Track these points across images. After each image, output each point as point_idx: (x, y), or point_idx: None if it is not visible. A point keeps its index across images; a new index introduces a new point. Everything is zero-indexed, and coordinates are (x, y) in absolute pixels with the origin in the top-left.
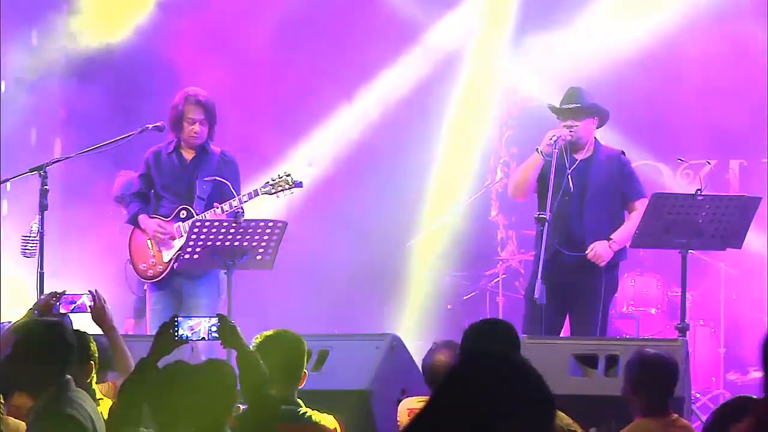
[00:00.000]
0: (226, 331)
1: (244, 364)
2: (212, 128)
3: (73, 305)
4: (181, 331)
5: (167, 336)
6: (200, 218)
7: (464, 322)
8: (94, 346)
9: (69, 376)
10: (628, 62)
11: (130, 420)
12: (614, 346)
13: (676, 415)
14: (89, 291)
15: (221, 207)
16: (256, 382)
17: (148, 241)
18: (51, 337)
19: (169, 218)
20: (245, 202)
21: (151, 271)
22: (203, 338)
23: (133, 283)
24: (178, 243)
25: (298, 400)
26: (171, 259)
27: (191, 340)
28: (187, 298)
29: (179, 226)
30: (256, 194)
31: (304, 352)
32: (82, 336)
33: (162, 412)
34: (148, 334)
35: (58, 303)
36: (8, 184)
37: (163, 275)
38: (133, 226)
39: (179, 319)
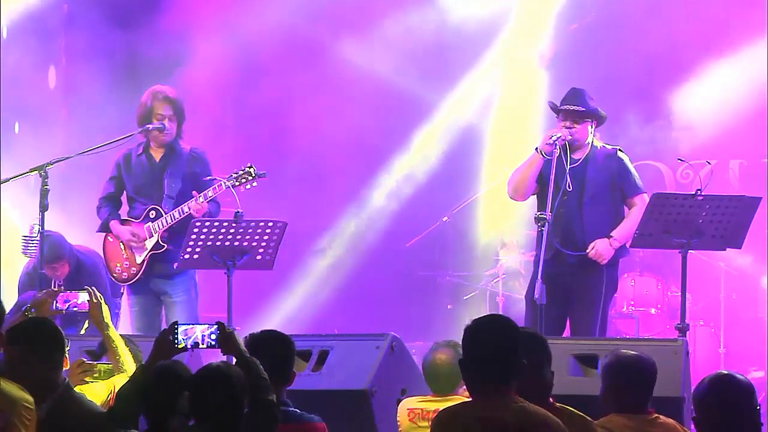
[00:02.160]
0: (225, 339)
1: (245, 370)
2: (180, 126)
3: (69, 303)
4: (180, 338)
5: (167, 342)
6: (200, 218)
7: (464, 322)
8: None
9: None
10: (630, 62)
11: (125, 422)
12: (614, 346)
13: (656, 415)
14: (86, 288)
15: (202, 195)
16: (257, 387)
17: (121, 244)
18: (56, 337)
19: (140, 220)
20: (211, 198)
21: (125, 273)
22: (202, 345)
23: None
24: (149, 243)
25: (287, 400)
26: (144, 260)
27: (191, 347)
28: (164, 296)
29: (149, 227)
30: (220, 188)
31: (293, 352)
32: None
33: None
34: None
35: (54, 301)
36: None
37: (138, 277)
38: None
39: (179, 326)
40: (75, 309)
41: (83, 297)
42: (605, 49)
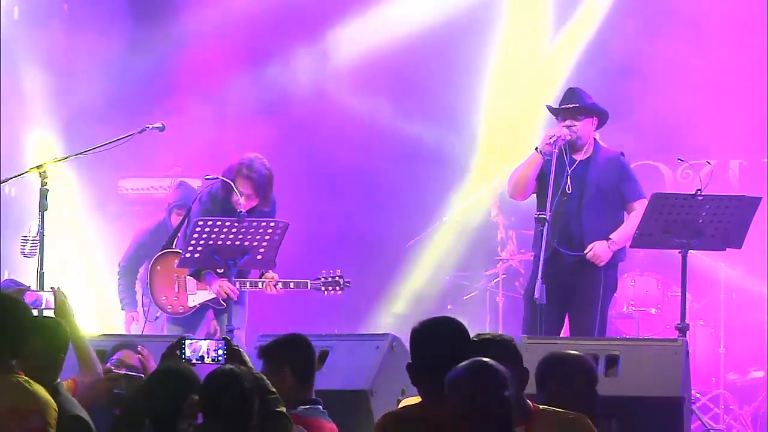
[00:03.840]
0: (232, 355)
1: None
2: (264, 198)
3: (36, 301)
4: (188, 354)
5: (175, 358)
6: (203, 217)
7: (464, 322)
8: None
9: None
10: (629, 61)
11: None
12: (614, 346)
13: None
14: (52, 288)
15: (281, 283)
16: (266, 402)
17: (174, 275)
18: (56, 337)
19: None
20: (291, 288)
21: (170, 307)
22: (208, 359)
23: (147, 306)
24: (209, 295)
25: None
26: (195, 306)
27: (196, 361)
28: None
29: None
30: (306, 286)
31: (314, 352)
32: None
33: None
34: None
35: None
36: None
37: (183, 316)
38: (161, 252)
39: (186, 341)
40: (42, 307)
41: (48, 296)
42: (604, 49)
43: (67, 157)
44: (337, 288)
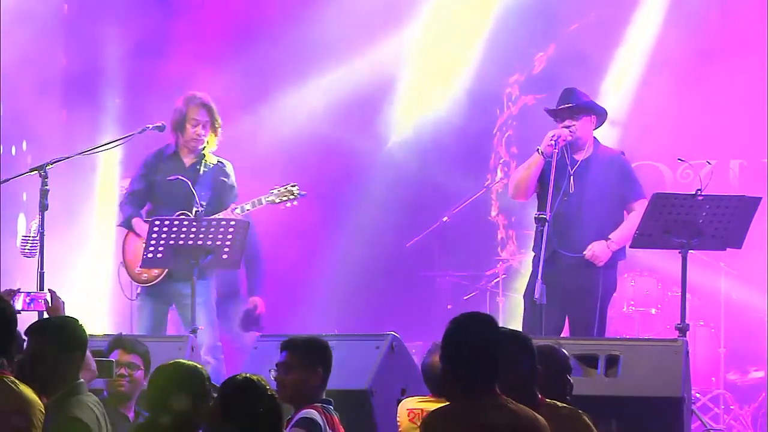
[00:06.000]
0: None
1: None
2: (215, 135)
3: (30, 303)
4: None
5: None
6: (161, 216)
7: None
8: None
9: (82, 380)
10: (628, 61)
11: None
12: (614, 346)
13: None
14: (48, 290)
15: (239, 207)
16: None
17: (142, 241)
18: (70, 337)
19: None
20: (248, 210)
21: (145, 275)
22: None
23: (126, 287)
24: None
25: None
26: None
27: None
28: (182, 298)
29: None
30: (260, 204)
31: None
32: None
33: None
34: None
35: (12, 300)
36: None
37: (158, 279)
38: (126, 229)
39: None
40: (31, 309)
41: (43, 298)
42: (601, 50)
43: (67, 157)
44: (291, 197)
